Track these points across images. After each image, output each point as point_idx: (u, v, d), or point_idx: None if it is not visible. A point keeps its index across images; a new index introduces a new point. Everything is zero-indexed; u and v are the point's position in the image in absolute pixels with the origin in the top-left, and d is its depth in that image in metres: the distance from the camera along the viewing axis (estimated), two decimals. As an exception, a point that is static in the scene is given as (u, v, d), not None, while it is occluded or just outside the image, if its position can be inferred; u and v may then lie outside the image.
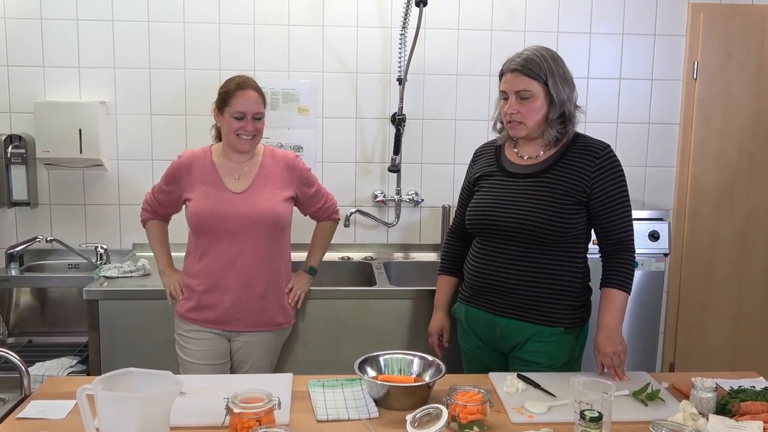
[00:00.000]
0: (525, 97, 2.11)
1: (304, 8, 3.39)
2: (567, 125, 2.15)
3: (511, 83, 2.13)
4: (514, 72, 2.12)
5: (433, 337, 2.47)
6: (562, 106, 2.12)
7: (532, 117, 2.12)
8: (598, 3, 3.50)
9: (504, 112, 2.17)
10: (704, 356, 3.72)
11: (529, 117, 2.12)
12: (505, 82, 2.15)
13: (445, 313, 2.47)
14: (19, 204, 3.32)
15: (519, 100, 2.12)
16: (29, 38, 3.30)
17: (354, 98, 3.47)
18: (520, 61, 2.11)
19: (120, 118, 3.39)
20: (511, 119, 2.15)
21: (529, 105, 2.11)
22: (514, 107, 2.12)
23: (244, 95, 2.42)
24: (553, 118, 2.13)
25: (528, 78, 2.10)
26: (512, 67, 2.13)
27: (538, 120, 2.13)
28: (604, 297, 2.16)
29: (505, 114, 2.16)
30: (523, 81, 2.10)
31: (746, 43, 3.55)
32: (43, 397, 1.86)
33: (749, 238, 3.68)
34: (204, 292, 2.46)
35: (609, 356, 2.07)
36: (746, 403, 1.75)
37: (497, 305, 2.20)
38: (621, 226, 2.16)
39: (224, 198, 2.44)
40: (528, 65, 2.10)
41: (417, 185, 3.56)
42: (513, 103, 2.12)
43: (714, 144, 3.62)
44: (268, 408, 1.58)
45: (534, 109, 2.12)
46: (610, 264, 2.18)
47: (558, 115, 2.13)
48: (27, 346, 3.21)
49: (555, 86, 2.10)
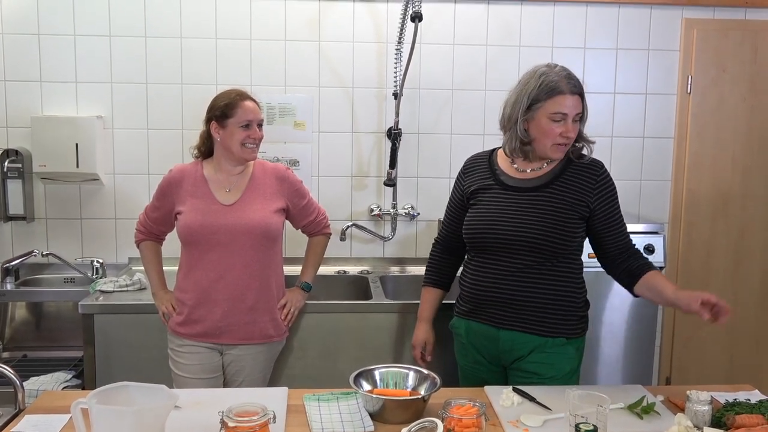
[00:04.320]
0: (577, 120, 2.13)
1: (300, 23, 3.41)
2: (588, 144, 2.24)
3: (575, 107, 2.10)
4: (575, 95, 2.10)
5: (416, 350, 2.45)
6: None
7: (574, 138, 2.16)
8: (592, 18, 3.54)
9: (561, 134, 2.11)
10: (700, 369, 3.72)
11: (573, 138, 2.15)
12: (566, 105, 2.09)
13: (430, 325, 2.46)
14: (15, 218, 3.32)
15: (572, 123, 2.12)
16: (27, 53, 3.32)
17: (350, 112, 3.49)
18: (577, 82, 2.11)
19: (117, 133, 3.40)
20: (567, 142, 2.14)
21: (578, 126, 2.15)
22: (574, 130, 2.12)
23: (247, 104, 2.45)
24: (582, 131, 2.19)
25: (583, 100, 2.13)
26: (575, 90, 2.10)
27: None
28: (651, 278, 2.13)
29: (562, 136, 2.11)
30: (581, 104, 2.12)
31: (739, 58, 3.58)
32: (37, 412, 1.85)
33: (744, 251, 3.69)
34: (194, 305, 2.46)
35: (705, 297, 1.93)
36: (741, 416, 1.75)
37: (500, 318, 2.20)
38: (624, 234, 2.22)
39: (214, 210, 2.45)
40: (582, 87, 2.12)
41: (413, 199, 3.57)
42: (572, 127, 2.11)
43: (708, 157, 3.64)
44: (263, 422, 1.57)
45: (577, 128, 2.15)
46: (633, 262, 2.19)
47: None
48: (22, 361, 3.20)
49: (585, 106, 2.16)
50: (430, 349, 2.46)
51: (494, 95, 3.42)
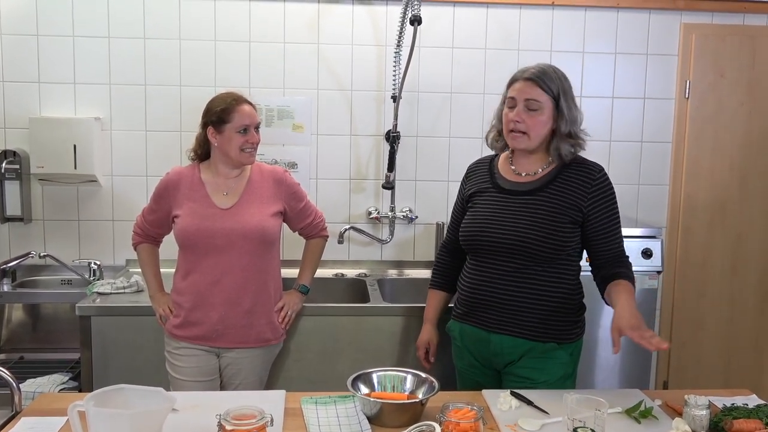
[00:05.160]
0: (533, 108, 2.09)
1: (299, 26, 3.41)
2: (576, 147, 2.16)
3: (522, 91, 2.10)
4: (528, 81, 2.10)
5: (420, 351, 2.47)
6: (573, 124, 2.13)
7: (537, 130, 2.11)
8: (591, 22, 3.54)
9: (508, 119, 2.13)
10: (697, 374, 3.72)
11: (533, 129, 2.11)
12: (516, 90, 2.12)
13: (434, 326, 2.47)
14: (12, 219, 3.31)
15: (526, 110, 2.10)
16: (25, 54, 3.31)
17: (349, 115, 3.49)
18: (536, 71, 2.10)
19: (115, 134, 3.39)
20: (515, 128, 2.12)
21: (536, 117, 2.10)
22: (520, 116, 2.10)
23: (244, 109, 2.44)
24: (564, 133, 2.12)
25: (540, 89, 2.09)
26: (526, 75, 2.10)
27: (541, 134, 2.13)
28: (613, 288, 2.10)
29: (509, 121, 2.13)
30: (534, 91, 2.09)
31: (738, 63, 3.58)
32: (34, 414, 1.84)
33: (742, 256, 3.69)
34: (191, 308, 2.46)
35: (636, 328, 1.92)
36: (739, 421, 1.75)
37: (490, 321, 2.20)
38: (616, 242, 2.19)
39: (211, 214, 2.44)
40: (542, 76, 2.09)
41: (411, 202, 3.57)
42: (520, 111, 2.10)
43: (706, 162, 3.64)
44: (261, 425, 1.57)
45: (539, 123, 2.11)
46: (610, 270, 2.16)
47: (566, 133, 2.13)
48: (18, 363, 3.20)
49: (566, 103, 2.11)
50: (434, 350, 2.47)
51: (493, 99, 3.36)
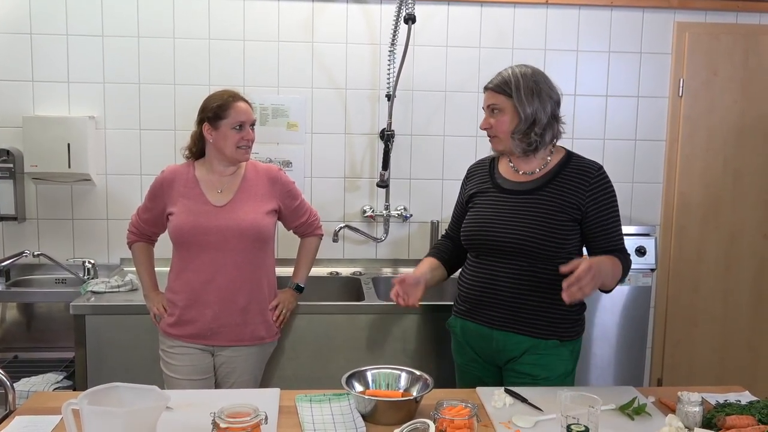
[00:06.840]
0: (495, 110, 2.22)
1: (293, 24, 3.41)
2: (545, 135, 2.19)
3: (486, 100, 2.26)
4: (488, 90, 2.25)
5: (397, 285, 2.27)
6: (530, 118, 2.17)
7: (501, 129, 2.21)
8: (584, 21, 3.55)
9: (480, 127, 2.29)
10: (691, 371, 3.74)
11: (499, 130, 2.22)
12: (483, 100, 2.28)
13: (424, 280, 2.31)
14: (6, 218, 3.30)
15: (491, 114, 2.23)
16: (18, 53, 3.30)
17: (343, 114, 3.49)
18: (496, 81, 2.24)
19: (109, 133, 3.39)
20: (487, 134, 2.27)
21: (499, 118, 2.21)
22: (488, 121, 2.25)
23: (240, 106, 2.45)
24: (521, 130, 2.18)
25: (495, 93, 2.22)
26: (487, 86, 2.26)
27: (507, 132, 2.21)
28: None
29: (482, 128, 2.29)
30: (493, 97, 2.22)
31: (731, 61, 3.60)
32: (28, 413, 1.84)
33: (735, 254, 3.71)
34: (185, 306, 2.46)
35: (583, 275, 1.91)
36: (732, 417, 1.75)
37: (493, 319, 2.22)
38: (616, 239, 2.21)
39: (205, 211, 2.44)
40: (497, 81, 2.23)
41: (405, 200, 3.57)
42: (486, 117, 2.26)
43: (699, 160, 3.65)
44: (255, 423, 1.57)
45: (502, 122, 2.21)
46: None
47: (528, 127, 2.18)
48: (13, 362, 3.19)
49: (519, 99, 2.16)
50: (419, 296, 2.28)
51: (487, 97, 3.43)
